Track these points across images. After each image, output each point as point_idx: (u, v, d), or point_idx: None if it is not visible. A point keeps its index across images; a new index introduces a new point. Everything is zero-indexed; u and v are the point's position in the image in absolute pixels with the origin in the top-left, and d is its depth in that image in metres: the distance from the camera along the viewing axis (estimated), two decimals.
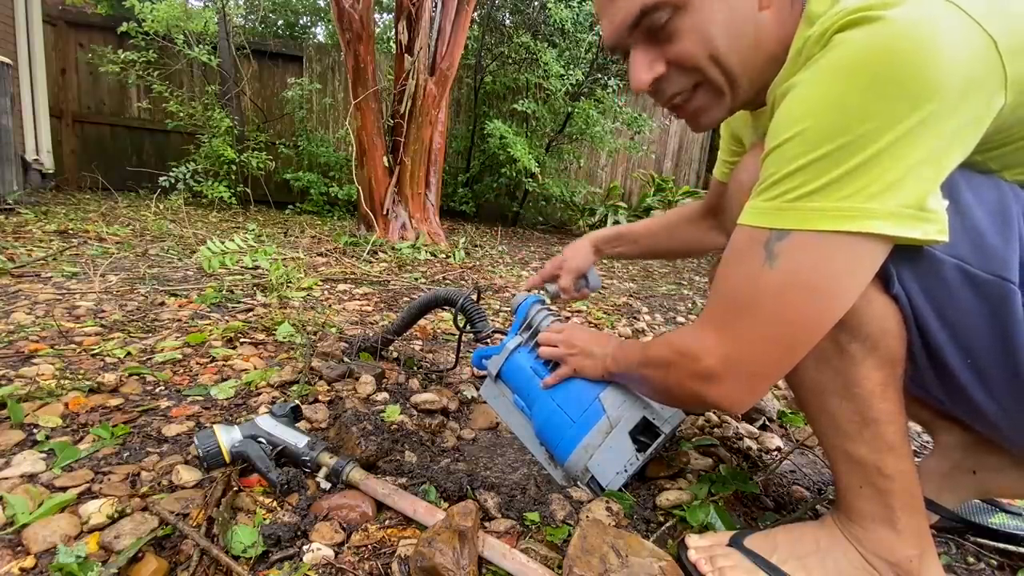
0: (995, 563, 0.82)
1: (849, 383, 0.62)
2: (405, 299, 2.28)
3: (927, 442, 1.31)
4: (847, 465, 0.65)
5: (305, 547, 0.71)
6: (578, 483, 0.92)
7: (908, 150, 0.46)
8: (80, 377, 1.17)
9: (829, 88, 0.49)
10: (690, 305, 2.81)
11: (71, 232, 3.05)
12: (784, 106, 0.53)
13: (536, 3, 5.70)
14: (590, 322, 2.17)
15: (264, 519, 0.77)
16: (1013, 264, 0.52)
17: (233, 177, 5.22)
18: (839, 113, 0.48)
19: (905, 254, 0.55)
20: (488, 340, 1.22)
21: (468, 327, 1.23)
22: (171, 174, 4.71)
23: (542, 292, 1.22)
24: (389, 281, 2.61)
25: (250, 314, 1.80)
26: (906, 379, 0.64)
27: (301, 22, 8.90)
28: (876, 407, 0.61)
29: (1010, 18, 0.48)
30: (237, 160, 5.17)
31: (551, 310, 1.07)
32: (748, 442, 1.15)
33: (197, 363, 1.34)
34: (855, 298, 0.53)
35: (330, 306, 2.02)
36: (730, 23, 0.59)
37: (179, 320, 1.67)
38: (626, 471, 0.87)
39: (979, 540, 0.85)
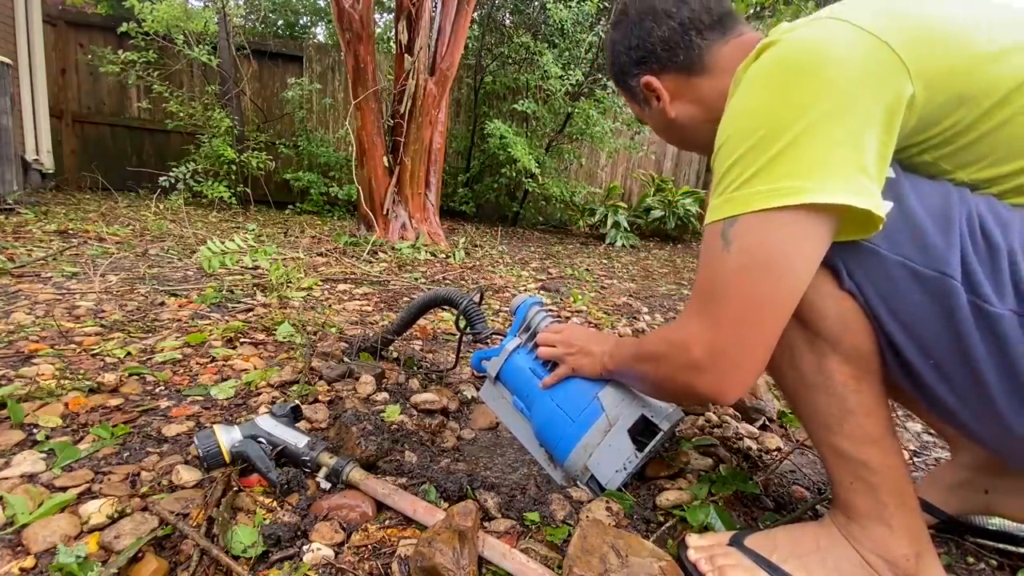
0: (995, 563, 0.82)
1: (822, 377, 0.64)
2: (405, 299, 2.28)
3: (927, 442, 1.31)
4: (834, 460, 0.67)
5: (305, 547, 0.72)
6: (578, 483, 0.93)
7: (821, 133, 0.52)
8: (80, 377, 1.17)
9: (746, 99, 0.58)
10: None
11: (71, 232, 3.05)
12: (719, 125, 0.62)
13: (536, 3, 5.71)
14: (590, 322, 2.17)
15: (264, 519, 0.77)
16: (954, 262, 0.55)
17: (233, 177, 5.22)
18: (755, 114, 0.56)
19: (853, 253, 0.59)
20: (488, 341, 1.22)
21: (468, 328, 1.23)
22: (171, 174, 4.70)
23: (540, 294, 1.21)
24: (389, 281, 2.61)
25: (250, 314, 1.80)
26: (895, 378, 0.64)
27: (301, 22, 8.90)
28: (851, 399, 0.63)
29: (901, 22, 0.55)
30: (237, 160, 5.17)
31: (550, 311, 1.07)
32: (748, 442, 1.15)
33: (197, 363, 1.34)
34: (808, 271, 0.57)
35: (330, 306, 2.02)
36: (658, 130, 0.90)
37: (179, 320, 1.67)
38: (625, 469, 0.87)
39: (978, 541, 0.85)
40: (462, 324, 1.25)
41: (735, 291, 0.57)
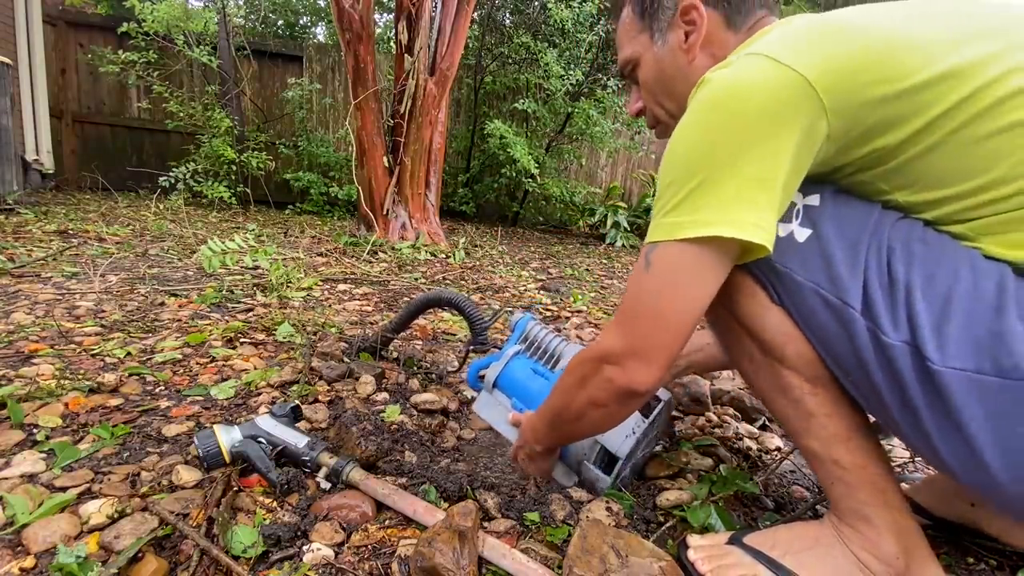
0: (994, 563, 0.82)
1: (780, 384, 0.67)
2: (405, 299, 2.28)
3: None
4: (812, 462, 0.69)
5: (305, 547, 0.72)
6: (583, 470, 0.92)
7: (732, 170, 0.57)
8: (80, 377, 1.17)
9: (680, 130, 0.62)
10: None
11: (71, 232, 3.05)
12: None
13: (536, 3, 5.70)
14: (590, 322, 2.17)
15: (264, 519, 0.77)
16: (855, 292, 0.58)
17: (233, 177, 5.22)
18: (684, 146, 0.61)
19: (776, 276, 0.63)
20: (484, 349, 1.24)
21: (471, 337, 1.25)
22: (171, 174, 4.70)
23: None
24: (389, 281, 2.61)
25: (250, 314, 1.80)
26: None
27: (301, 22, 8.90)
28: (809, 402, 0.66)
29: (829, 48, 0.57)
30: (237, 160, 5.17)
31: (547, 327, 1.07)
32: (748, 442, 1.15)
33: (197, 363, 1.34)
34: (711, 290, 0.61)
35: (330, 306, 2.02)
36: (660, 76, 0.78)
37: (179, 320, 1.67)
38: (634, 434, 0.87)
39: (975, 541, 0.85)
40: (460, 321, 1.26)
41: (650, 305, 0.63)
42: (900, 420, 0.59)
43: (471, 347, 1.26)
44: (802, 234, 0.61)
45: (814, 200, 0.62)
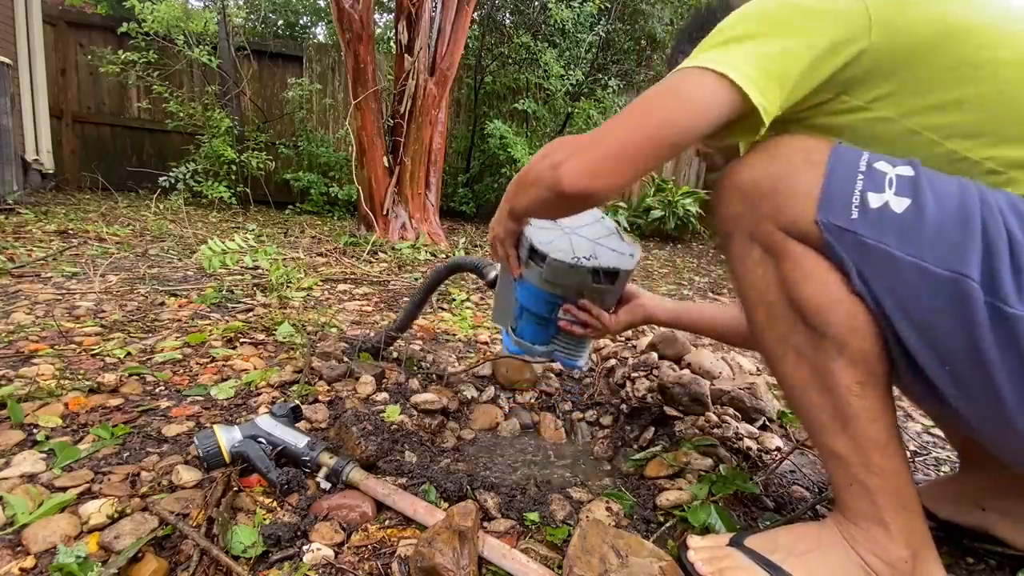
0: (994, 563, 0.82)
1: (825, 380, 0.63)
2: (405, 299, 2.28)
3: (927, 442, 1.31)
4: (834, 462, 0.66)
5: (305, 547, 0.72)
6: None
7: (764, 42, 0.61)
8: (80, 377, 1.17)
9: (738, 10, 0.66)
10: None
11: (71, 232, 3.05)
12: None
13: (536, 3, 5.70)
14: None
15: (264, 519, 0.77)
16: (972, 261, 0.53)
17: (233, 177, 5.21)
18: (734, 17, 0.65)
19: (865, 255, 0.58)
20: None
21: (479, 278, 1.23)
22: (171, 174, 4.70)
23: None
24: (389, 281, 2.61)
25: (250, 314, 1.80)
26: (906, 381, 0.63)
27: (301, 22, 8.91)
28: (854, 404, 0.62)
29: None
30: (237, 160, 5.16)
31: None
32: (748, 442, 1.15)
33: (197, 363, 1.34)
34: (697, 115, 0.61)
35: (330, 306, 2.02)
36: None
37: (179, 320, 1.67)
38: (576, 258, 0.86)
39: (975, 544, 0.85)
40: (463, 331, 1.25)
41: (633, 107, 0.64)
42: (1013, 405, 0.54)
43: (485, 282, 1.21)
44: (900, 204, 0.56)
45: (907, 170, 0.58)
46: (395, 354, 1.47)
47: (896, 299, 0.57)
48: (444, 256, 3.60)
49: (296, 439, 0.90)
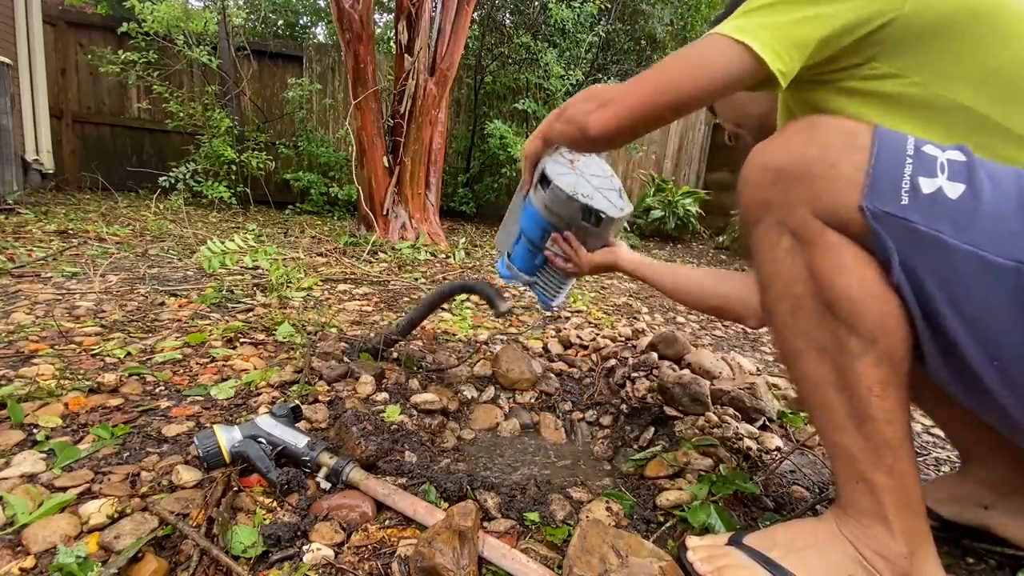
0: (994, 563, 0.82)
1: (847, 378, 0.61)
2: (405, 299, 2.28)
3: (927, 442, 1.31)
4: (844, 460, 0.65)
5: (305, 547, 0.72)
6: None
7: (790, 8, 0.63)
8: (80, 377, 1.17)
9: None
10: None
11: (71, 232, 3.05)
12: None
13: (536, 3, 5.70)
14: (590, 322, 2.17)
15: (264, 519, 0.77)
16: None
17: (233, 177, 5.21)
18: None
19: (913, 242, 0.54)
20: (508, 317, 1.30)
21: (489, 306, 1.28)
22: (171, 174, 4.70)
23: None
24: (389, 281, 2.61)
25: (250, 314, 1.80)
26: (926, 377, 0.63)
27: (301, 22, 8.91)
28: (874, 404, 0.60)
29: None
30: (237, 160, 5.16)
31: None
32: (748, 442, 1.15)
33: (197, 363, 1.34)
34: (705, 72, 0.66)
35: (330, 306, 2.02)
36: (732, 107, 0.99)
37: (179, 320, 1.67)
38: (576, 191, 0.98)
39: (976, 544, 0.85)
40: (463, 331, 1.26)
41: (649, 74, 0.70)
42: None
43: (494, 314, 1.29)
44: (954, 189, 0.53)
45: (958, 155, 0.55)
46: (395, 354, 1.47)
47: (948, 291, 0.54)
48: (444, 256, 3.61)
49: (296, 439, 0.90)
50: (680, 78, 0.68)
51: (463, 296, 2.36)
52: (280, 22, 8.57)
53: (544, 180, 0.99)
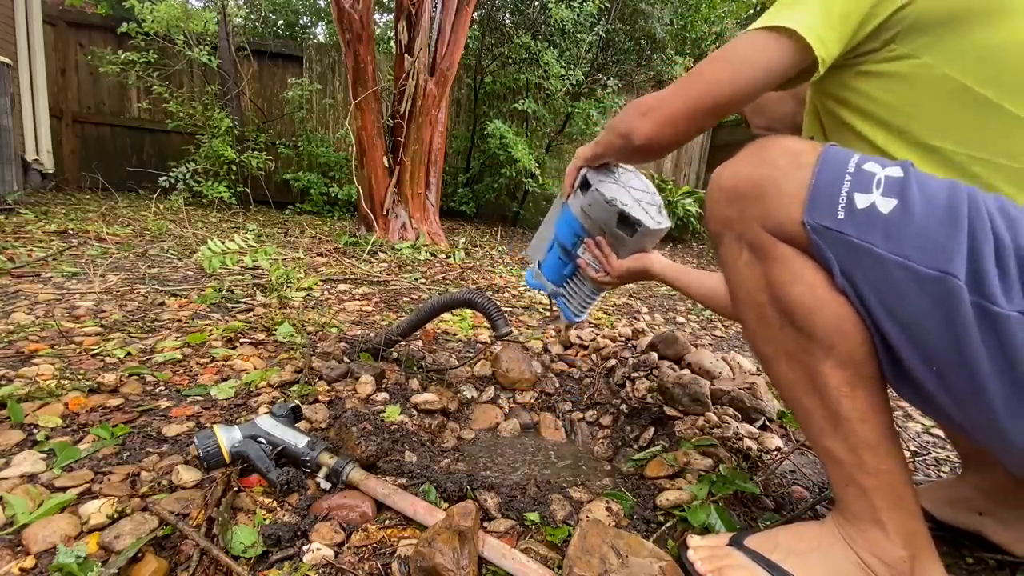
0: (994, 563, 0.82)
1: (815, 381, 0.64)
2: (405, 299, 2.28)
3: (927, 442, 1.31)
4: (829, 462, 0.67)
5: (305, 547, 0.72)
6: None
7: (818, 4, 0.64)
8: (80, 377, 1.17)
9: None
10: (690, 305, 2.81)
11: (71, 232, 3.05)
12: None
13: (536, 3, 5.70)
14: (590, 322, 2.17)
15: (264, 519, 0.77)
16: (958, 260, 0.53)
17: (233, 177, 5.21)
18: None
19: (849, 253, 0.58)
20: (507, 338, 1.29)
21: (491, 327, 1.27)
22: (171, 174, 4.70)
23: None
24: (389, 281, 2.61)
25: (250, 314, 1.80)
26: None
27: (301, 22, 8.91)
28: (845, 405, 0.63)
29: None
30: (237, 160, 5.16)
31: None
32: (748, 442, 1.15)
33: (197, 363, 1.34)
34: (754, 75, 0.67)
35: (330, 306, 2.02)
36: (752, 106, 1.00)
37: (179, 320, 1.67)
38: (617, 199, 0.99)
39: (976, 554, 0.85)
40: (463, 331, 1.26)
41: (690, 77, 0.71)
42: (1000, 406, 0.53)
43: (495, 335, 1.28)
44: (886, 204, 0.57)
45: (896, 171, 0.58)
46: (395, 354, 1.47)
47: (881, 299, 0.58)
48: (444, 256, 3.60)
49: (296, 439, 0.90)
50: (725, 80, 0.68)
51: None
52: (280, 22, 8.57)
53: (585, 184, 1.00)
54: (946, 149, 0.64)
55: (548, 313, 2.25)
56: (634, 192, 1.05)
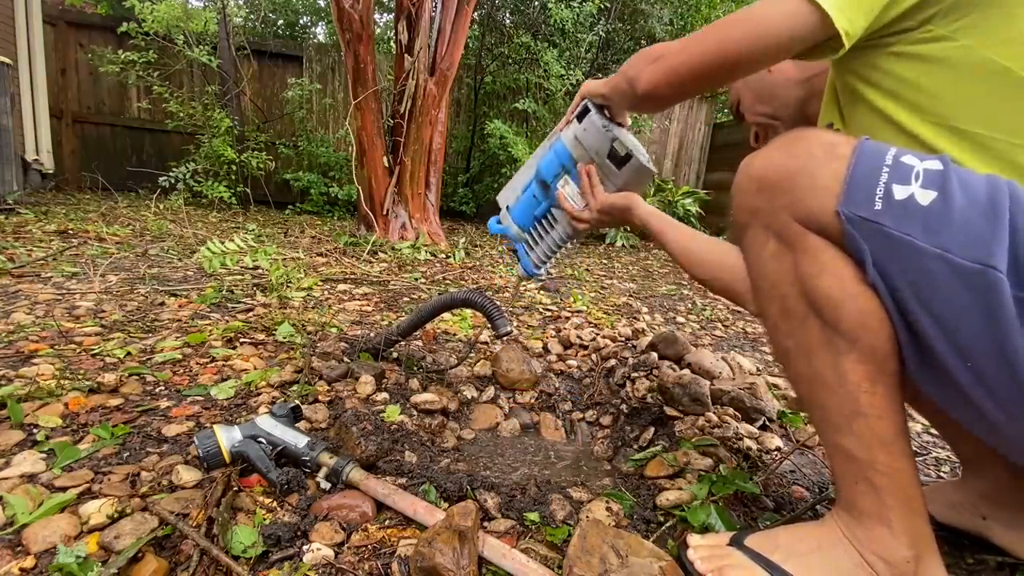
0: (994, 564, 0.82)
1: (835, 376, 0.63)
2: (405, 299, 2.28)
3: (927, 442, 1.31)
4: (841, 460, 0.66)
5: (305, 547, 0.72)
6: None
7: None
8: (80, 377, 1.17)
9: None
10: (690, 305, 2.81)
11: (71, 232, 3.05)
12: None
13: (536, 3, 5.71)
14: (590, 322, 2.17)
15: (264, 519, 0.77)
16: (1000, 253, 0.52)
17: (233, 177, 5.22)
18: None
19: (885, 244, 0.57)
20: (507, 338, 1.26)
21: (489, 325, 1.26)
22: (171, 174, 4.71)
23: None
24: (389, 281, 2.61)
25: (250, 314, 1.80)
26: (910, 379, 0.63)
27: (301, 22, 8.91)
28: (863, 401, 0.62)
29: None
30: (237, 160, 5.17)
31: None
32: (748, 442, 1.15)
33: (197, 363, 1.34)
34: (763, 32, 0.65)
35: (330, 306, 2.02)
36: (757, 94, 0.99)
37: (179, 320, 1.67)
38: (607, 130, 0.98)
39: (978, 556, 0.85)
40: (463, 331, 1.26)
41: (707, 30, 0.69)
42: None
43: (495, 335, 1.28)
44: (926, 196, 0.55)
45: (935, 164, 0.57)
46: (395, 354, 1.47)
47: (917, 292, 0.56)
48: (444, 256, 3.61)
49: (296, 439, 0.90)
50: (739, 36, 0.66)
51: None
52: (280, 22, 8.57)
53: (584, 112, 1.00)
54: (983, 135, 0.62)
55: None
56: (630, 139, 1.05)
